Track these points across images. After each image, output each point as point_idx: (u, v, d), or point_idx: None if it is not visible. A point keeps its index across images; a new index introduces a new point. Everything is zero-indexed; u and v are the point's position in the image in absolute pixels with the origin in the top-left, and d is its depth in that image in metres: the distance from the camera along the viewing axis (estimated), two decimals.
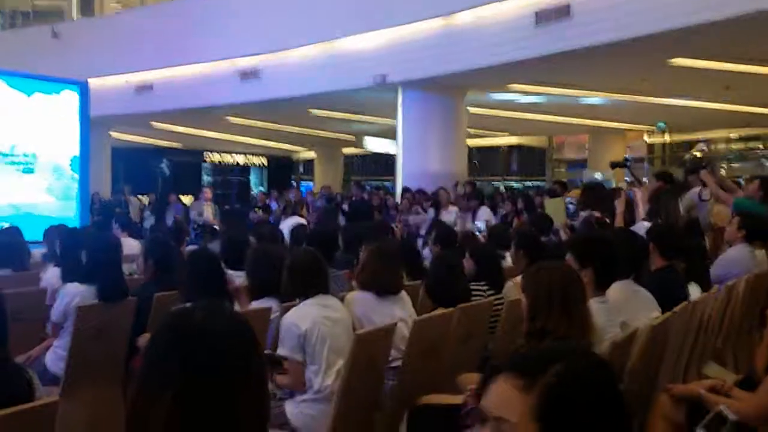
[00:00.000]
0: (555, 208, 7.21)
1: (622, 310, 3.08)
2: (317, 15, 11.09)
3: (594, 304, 2.65)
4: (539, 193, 10.08)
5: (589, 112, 15.41)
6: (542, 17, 8.87)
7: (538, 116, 15.91)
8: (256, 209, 12.14)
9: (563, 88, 12.48)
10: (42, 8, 17.47)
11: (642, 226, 4.98)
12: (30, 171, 10.41)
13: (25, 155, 10.33)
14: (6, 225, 6.95)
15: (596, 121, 16.89)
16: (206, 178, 22.35)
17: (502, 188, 16.64)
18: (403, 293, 3.64)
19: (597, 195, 6.09)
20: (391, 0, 10.27)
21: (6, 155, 10.14)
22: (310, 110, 14.72)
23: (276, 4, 11.68)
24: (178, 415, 1.12)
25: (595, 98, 13.44)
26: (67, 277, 3.92)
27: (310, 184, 23.42)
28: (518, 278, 4.04)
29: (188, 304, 1.36)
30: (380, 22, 10.47)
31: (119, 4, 16.42)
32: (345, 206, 10.78)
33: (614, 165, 6.78)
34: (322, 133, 19.12)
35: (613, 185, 9.06)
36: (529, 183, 21.99)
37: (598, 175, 16.23)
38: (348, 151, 22.94)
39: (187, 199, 15.32)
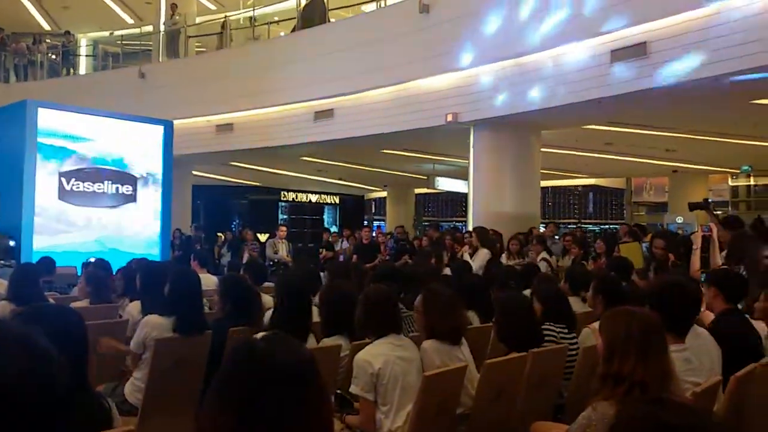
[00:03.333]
0: (631, 253, 7.00)
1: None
2: (390, 58, 11.28)
3: (672, 353, 2.54)
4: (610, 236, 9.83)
5: (669, 153, 14.99)
6: (618, 56, 8.75)
7: (616, 157, 15.59)
8: (320, 249, 12.41)
9: (641, 128, 12.21)
10: (130, 50, 18.49)
11: None
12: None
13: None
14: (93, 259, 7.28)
15: (677, 162, 16.40)
16: (282, 216, 22.85)
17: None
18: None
19: (673, 240, 5.90)
20: (462, 44, 10.34)
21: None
22: (383, 150, 14.88)
23: (349, 49, 11.95)
24: None
25: (674, 138, 13.07)
26: (147, 310, 4.05)
27: (382, 223, 23.61)
28: (595, 324, 3.93)
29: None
30: (452, 65, 10.55)
31: (201, 45, 17.18)
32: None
33: (693, 206, 6.51)
34: (394, 173, 19.29)
35: (695, 230, 8.73)
36: (605, 226, 21.49)
37: (679, 219, 15.72)
38: (420, 191, 23.03)
39: (263, 237, 15.66)
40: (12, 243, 9.56)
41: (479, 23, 10.15)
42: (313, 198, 24.28)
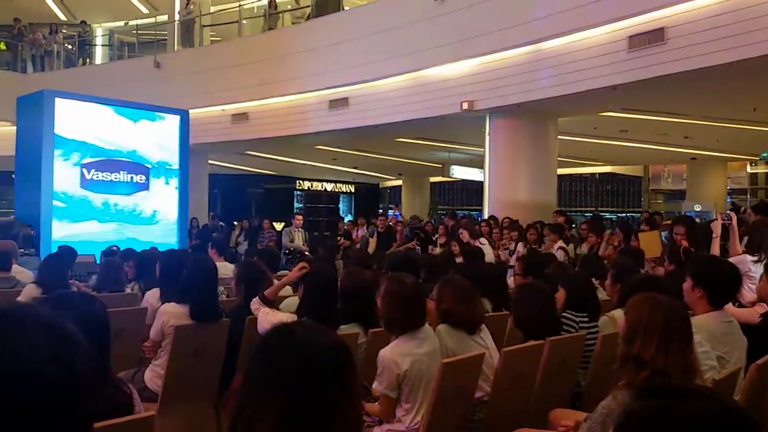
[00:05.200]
0: (650, 242, 6.96)
1: (720, 343, 2.93)
2: (405, 46, 11.23)
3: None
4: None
5: (687, 140, 14.83)
6: (636, 42, 8.67)
7: (633, 144, 15.45)
8: (336, 237, 12.43)
9: (659, 115, 12.09)
10: (145, 39, 18.54)
11: (744, 259, 4.71)
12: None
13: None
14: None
15: (695, 150, 16.22)
16: (297, 205, 22.92)
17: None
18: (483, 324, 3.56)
19: (690, 227, 5.83)
20: (477, 30, 10.26)
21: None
22: (398, 138, 14.85)
23: (363, 37, 11.90)
24: (282, 429, 1.15)
25: (692, 125, 12.93)
26: (165, 297, 4.08)
27: (397, 212, 23.59)
28: (613, 312, 3.92)
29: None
30: (467, 52, 10.49)
31: (216, 35, 17.19)
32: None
33: None
34: (409, 162, 19.25)
35: (713, 217, 8.65)
36: (623, 214, 21.34)
37: (697, 207, 15.58)
38: (435, 179, 22.98)
39: (278, 225, 15.72)
40: (32, 232, 9.66)
41: (495, 9, 10.07)
42: (329, 186, 24.31)
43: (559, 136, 11.57)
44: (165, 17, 18.14)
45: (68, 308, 1.87)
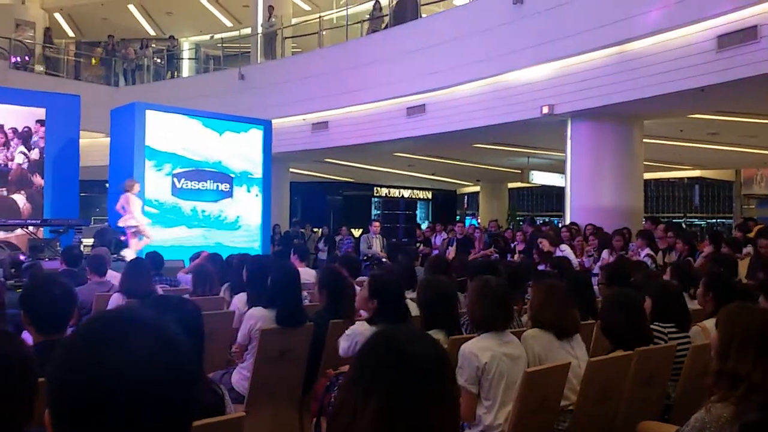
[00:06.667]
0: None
1: None
2: (482, 51, 11.14)
3: None
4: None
5: None
6: (725, 41, 8.32)
7: (723, 147, 14.80)
8: (416, 244, 12.46)
9: (750, 116, 11.54)
10: (230, 52, 19.16)
11: None
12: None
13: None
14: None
15: None
16: (375, 212, 23.10)
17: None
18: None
19: None
20: (557, 33, 10.07)
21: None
22: (475, 144, 14.76)
23: (441, 43, 11.89)
24: (382, 422, 1.18)
25: None
26: (252, 302, 4.20)
27: (474, 221, 23.43)
28: (705, 323, 3.76)
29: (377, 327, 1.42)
30: (548, 55, 10.31)
31: (297, 46, 17.59)
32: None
33: None
34: (487, 167, 19.08)
35: None
36: (713, 220, 20.44)
37: None
38: (513, 185, 22.69)
39: (356, 232, 15.90)
40: (123, 238, 10.12)
41: (576, 11, 9.87)
42: (406, 193, 24.39)
43: (644, 139, 11.19)
44: (248, 30, 18.70)
45: (168, 311, 1.96)
